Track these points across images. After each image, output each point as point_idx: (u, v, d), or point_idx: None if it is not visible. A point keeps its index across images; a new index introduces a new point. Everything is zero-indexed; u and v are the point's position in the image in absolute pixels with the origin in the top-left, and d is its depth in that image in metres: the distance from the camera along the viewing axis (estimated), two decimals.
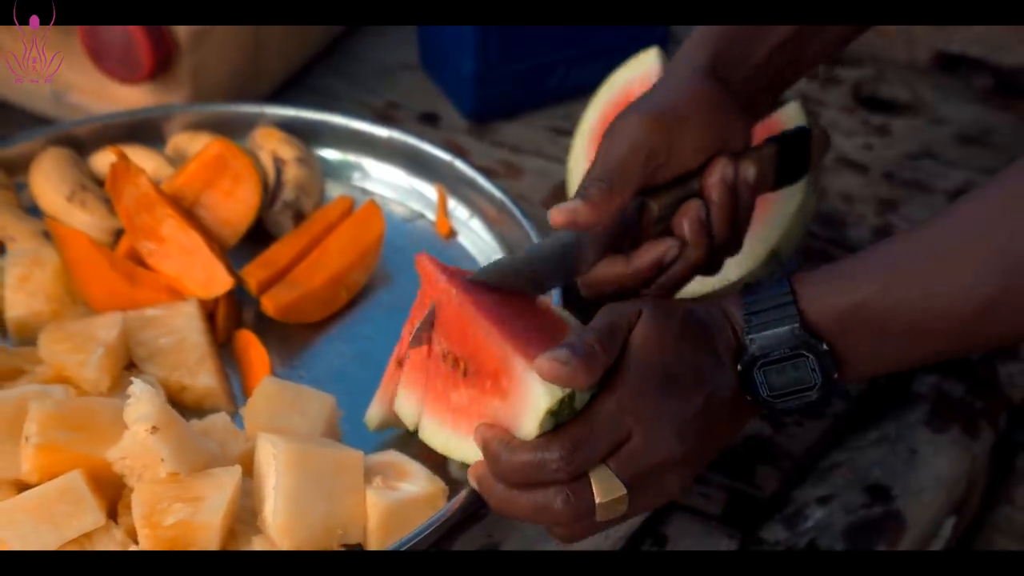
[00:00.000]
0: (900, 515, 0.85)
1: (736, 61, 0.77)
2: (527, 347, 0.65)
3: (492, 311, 0.67)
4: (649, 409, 0.64)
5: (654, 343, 0.65)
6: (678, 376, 0.65)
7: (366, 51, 1.20)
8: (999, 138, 1.13)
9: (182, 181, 0.87)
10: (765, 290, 0.67)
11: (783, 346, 0.66)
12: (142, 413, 0.67)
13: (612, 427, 0.63)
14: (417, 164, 0.97)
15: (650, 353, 0.65)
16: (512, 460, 0.63)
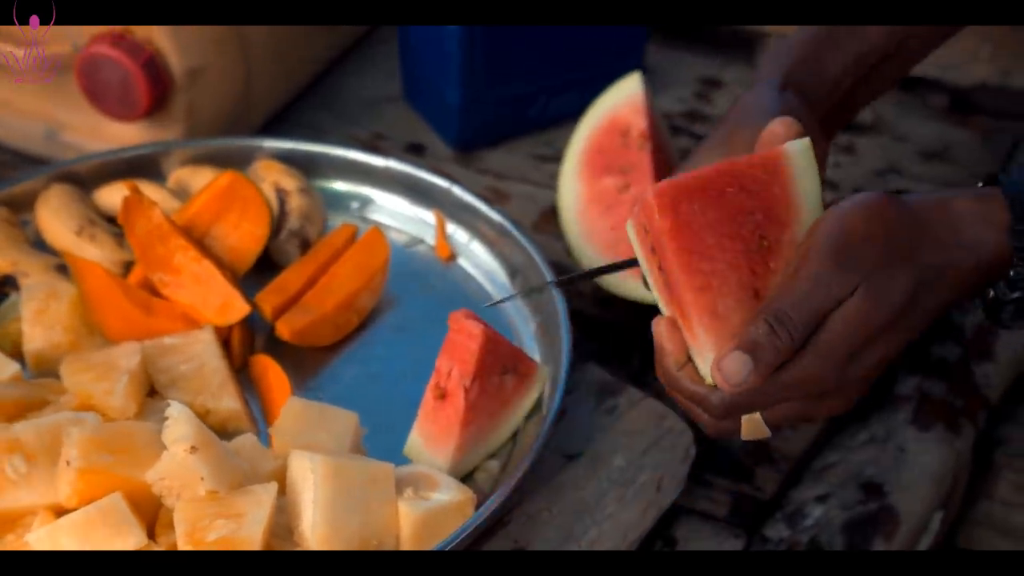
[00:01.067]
0: (894, 510, 0.89)
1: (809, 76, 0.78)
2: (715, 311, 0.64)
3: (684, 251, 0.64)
4: (820, 388, 0.65)
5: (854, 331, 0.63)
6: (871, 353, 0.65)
7: (350, 86, 1.23)
8: (958, 153, 1.19)
9: (193, 212, 0.90)
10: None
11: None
12: (181, 434, 0.69)
13: (778, 398, 0.65)
14: (414, 191, 1.00)
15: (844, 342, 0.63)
16: (678, 381, 0.66)
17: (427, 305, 0.93)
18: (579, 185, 1.01)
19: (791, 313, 0.63)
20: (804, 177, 0.66)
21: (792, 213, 0.66)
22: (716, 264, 0.64)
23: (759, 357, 0.62)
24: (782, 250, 0.65)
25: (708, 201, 0.65)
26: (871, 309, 0.63)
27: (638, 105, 1.00)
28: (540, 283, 0.78)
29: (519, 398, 0.81)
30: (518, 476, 0.74)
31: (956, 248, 0.65)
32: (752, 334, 0.63)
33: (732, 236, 0.65)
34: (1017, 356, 1.02)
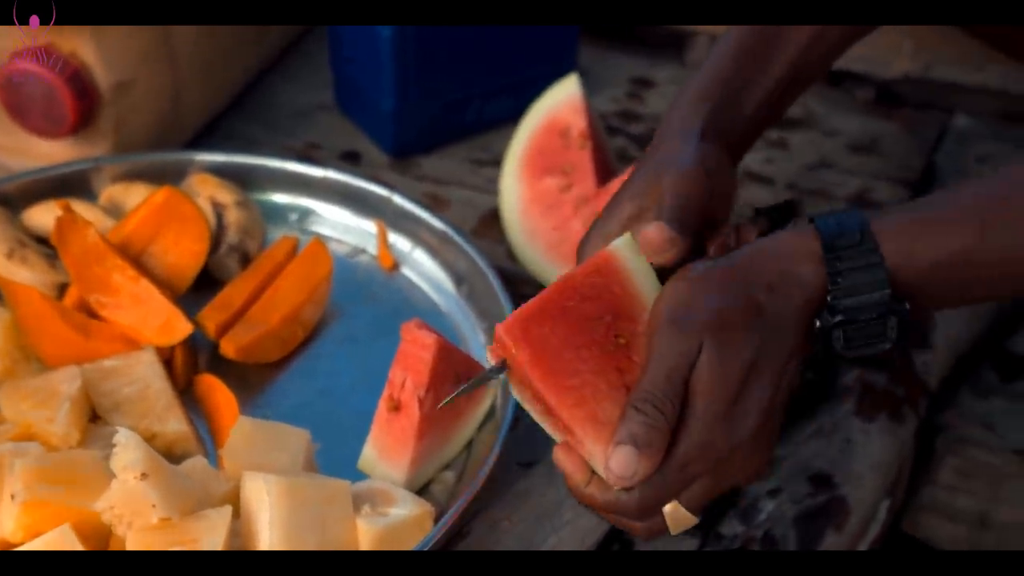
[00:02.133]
0: (844, 501, 0.90)
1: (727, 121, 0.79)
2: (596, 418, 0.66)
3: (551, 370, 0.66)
4: (717, 454, 0.66)
5: (719, 385, 0.64)
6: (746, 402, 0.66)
7: (280, 95, 1.21)
8: (886, 145, 1.21)
9: (129, 230, 0.88)
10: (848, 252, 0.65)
11: (870, 312, 0.65)
12: (130, 460, 0.67)
13: (681, 478, 0.67)
14: (354, 201, 0.99)
15: (715, 399, 0.65)
16: (591, 496, 0.68)
17: (373, 316, 0.92)
18: (520, 186, 1.01)
19: (651, 389, 0.64)
20: (637, 269, 0.69)
21: (637, 306, 0.68)
22: (583, 376, 0.66)
23: (641, 443, 0.64)
24: (640, 341, 0.67)
25: (555, 321, 0.67)
26: (723, 358, 0.65)
27: (577, 105, 1.00)
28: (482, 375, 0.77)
29: (473, 407, 0.81)
30: (476, 487, 0.74)
31: (785, 285, 0.66)
32: (626, 425, 0.64)
33: (587, 345, 0.67)
34: (953, 343, 1.04)
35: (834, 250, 0.66)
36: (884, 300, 0.66)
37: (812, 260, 0.67)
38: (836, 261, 0.66)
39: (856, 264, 0.65)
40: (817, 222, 0.68)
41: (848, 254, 0.65)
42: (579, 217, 0.99)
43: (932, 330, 1.03)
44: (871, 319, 0.66)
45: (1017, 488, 1.00)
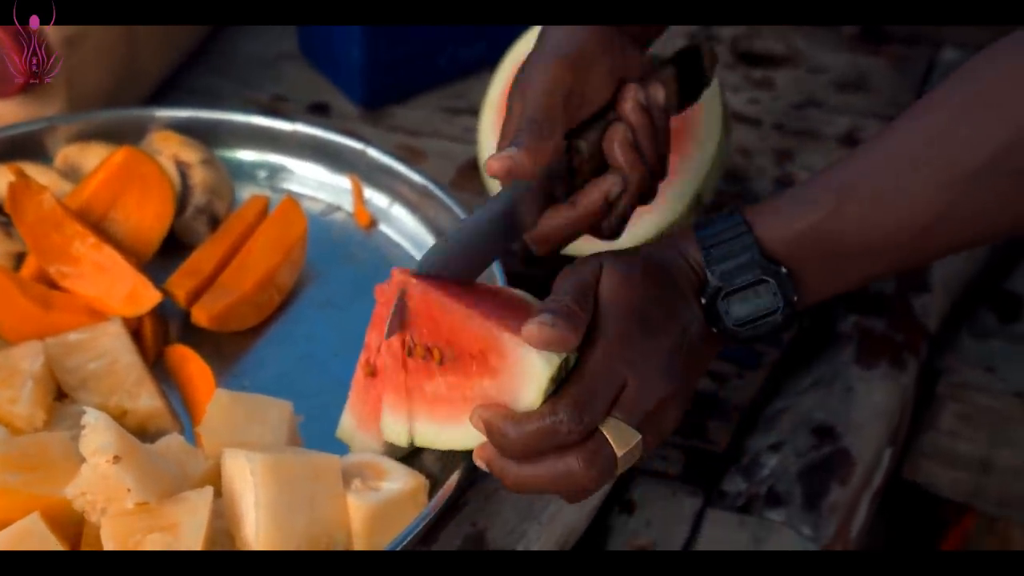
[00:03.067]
0: (847, 452, 0.87)
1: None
2: (509, 323, 0.63)
3: (459, 296, 0.66)
4: (636, 352, 0.65)
5: (623, 290, 0.66)
6: (652, 316, 0.66)
7: (241, 45, 1.15)
8: (874, 82, 1.17)
9: (88, 194, 0.82)
10: (718, 224, 0.68)
11: (744, 274, 0.67)
12: (101, 443, 0.63)
13: (609, 378, 0.64)
14: (326, 156, 0.94)
15: (622, 300, 0.65)
16: (522, 434, 0.62)
17: (351, 277, 0.87)
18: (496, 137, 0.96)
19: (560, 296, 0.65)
20: None
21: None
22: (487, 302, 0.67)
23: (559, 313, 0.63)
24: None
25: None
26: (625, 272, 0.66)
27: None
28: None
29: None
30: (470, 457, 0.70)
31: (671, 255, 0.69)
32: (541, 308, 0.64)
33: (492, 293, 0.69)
34: (950, 284, 1.01)
35: (706, 229, 0.69)
36: (755, 260, 0.67)
37: (690, 241, 0.69)
38: (707, 238, 0.69)
39: (725, 236, 0.68)
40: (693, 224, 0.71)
41: (717, 227, 0.68)
42: None
43: (929, 272, 1.00)
44: (747, 283, 0.67)
45: (1019, 432, 0.98)
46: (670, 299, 0.67)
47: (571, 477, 0.63)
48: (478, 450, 0.65)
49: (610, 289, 0.66)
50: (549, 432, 0.62)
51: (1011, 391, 0.97)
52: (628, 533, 0.81)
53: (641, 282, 0.67)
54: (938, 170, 0.65)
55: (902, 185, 0.66)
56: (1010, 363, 0.99)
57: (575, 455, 0.63)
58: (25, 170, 0.87)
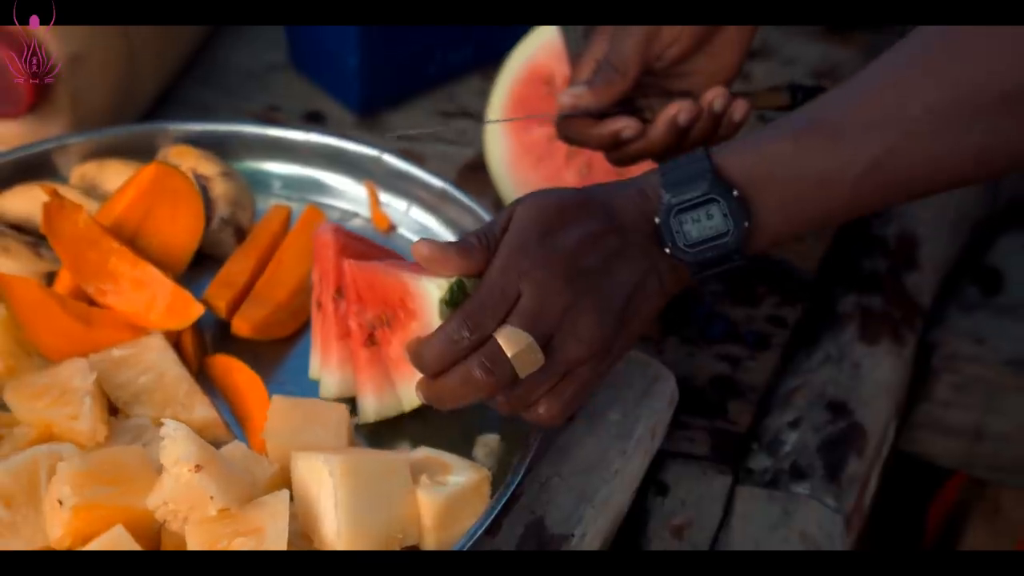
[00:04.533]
0: (860, 425, 0.92)
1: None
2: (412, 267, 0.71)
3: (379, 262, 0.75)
4: (530, 262, 0.68)
5: (529, 213, 0.69)
6: (557, 232, 0.69)
7: (229, 57, 1.16)
8: (846, 71, 1.21)
9: (121, 211, 0.83)
10: (681, 158, 0.71)
11: (696, 191, 0.69)
12: (182, 453, 0.64)
13: (500, 288, 0.67)
14: (340, 163, 0.95)
15: (525, 222, 0.69)
16: (428, 351, 0.68)
17: None
18: (507, 138, 0.98)
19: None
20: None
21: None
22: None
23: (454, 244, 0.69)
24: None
25: None
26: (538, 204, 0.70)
27: (558, 52, 0.98)
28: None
29: None
30: (532, 447, 0.72)
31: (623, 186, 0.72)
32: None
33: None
34: (938, 261, 1.06)
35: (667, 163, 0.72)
36: (707, 179, 0.69)
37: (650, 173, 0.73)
38: (667, 167, 0.72)
39: (684, 162, 0.71)
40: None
41: (680, 160, 0.72)
42: (572, 167, 0.97)
43: (917, 250, 1.04)
44: (698, 200, 0.70)
45: (1010, 398, 1.03)
46: (592, 223, 0.69)
47: (473, 382, 0.67)
48: (416, 385, 0.70)
49: (519, 217, 0.69)
50: (447, 343, 0.67)
51: (1001, 360, 1.03)
52: (665, 514, 0.84)
53: (555, 206, 0.69)
54: (894, 105, 0.68)
55: (860, 119, 0.69)
56: (997, 334, 1.04)
57: (473, 361, 0.67)
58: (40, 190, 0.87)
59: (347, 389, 0.79)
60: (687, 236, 0.70)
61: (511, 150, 0.98)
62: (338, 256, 0.79)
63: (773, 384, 0.94)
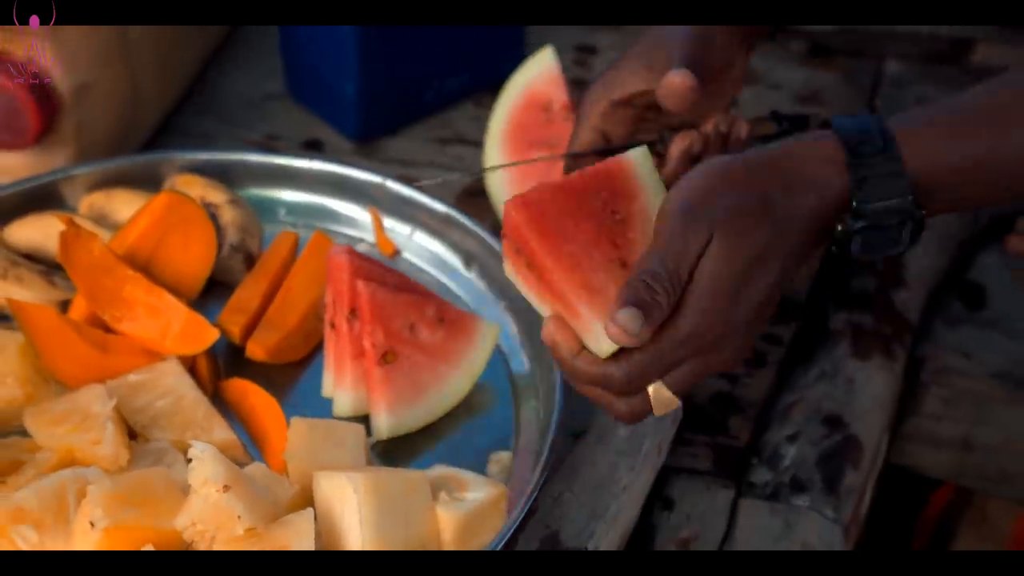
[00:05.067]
0: (856, 438, 0.94)
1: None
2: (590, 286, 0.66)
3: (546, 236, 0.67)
4: (708, 339, 0.67)
5: (722, 277, 0.66)
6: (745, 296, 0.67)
7: (229, 88, 1.18)
8: (828, 95, 1.25)
9: (134, 239, 0.84)
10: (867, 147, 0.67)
11: (892, 217, 0.67)
12: (211, 473, 0.65)
13: (671, 359, 0.67)
14: (343, 190, 0.97)
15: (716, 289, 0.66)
16: (578, 368, 0.67)
17: None
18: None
19: (658, 269, 0.66)
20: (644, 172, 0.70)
21: (634, 184, 0.69)
22: (579, 243, 0.67)
23: (646, 310, 0.65)
24: (635, 221, 0.68)
25: (555, 192, 0.68)
26: (729, 254, 0.66)
27: (556, 78, 1.01)
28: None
29: (457, 350, 0.81)
30: (548, 464, 0.74)
31: (801, 189, 0.68)
32: (634, 291, 0.65)
33: (586, 216, 0.67)
34: (924, 278, 1.09)
35: (858, 156, 0.67)
36: (906, 207, 0.68)
37: (834, 165, 0.68)
38: (860, 168, 0.67)
39: (881, 171, 0.67)
40: (837, 127, 0.70)
41: (873, 161, 0.67)
42: None
43: (904, 268, 1.08)
44: (891, 224, 0.68)
45: (997, 410, 1.06)
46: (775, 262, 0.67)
47: (610, 409, 0.69)
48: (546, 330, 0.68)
49: (708, 276, 0.66)
50: (601, 379, 0.67)
51: (988, 373, 1.05)
52: (672, 528, 0.86)
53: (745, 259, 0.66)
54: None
55: None
56: (983, 347, 1.07)
57: (618, 400, 0.68)
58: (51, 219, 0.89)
59: (360, 407, 0.81)
60: (863, 247, 0.69)
61: (510, 174, 1.01)
62: (352, 277, 0.81)
63: (771, 400, 0.96)
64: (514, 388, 0.84)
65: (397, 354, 0.80)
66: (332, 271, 0.83)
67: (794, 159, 0.69)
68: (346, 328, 0.81)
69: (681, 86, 0.75)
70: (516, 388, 0.84)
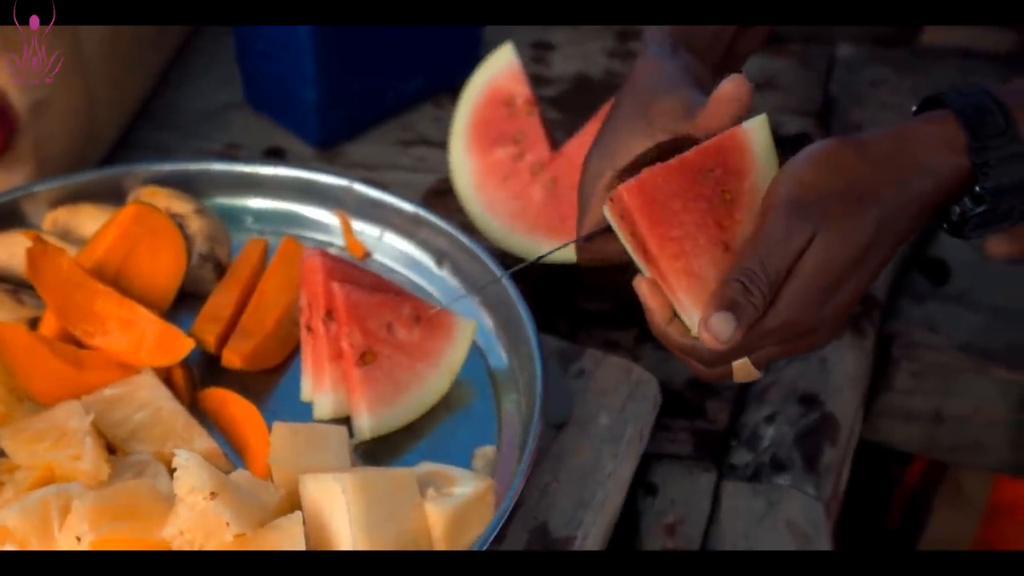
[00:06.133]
0: (832, 416, 0.95)
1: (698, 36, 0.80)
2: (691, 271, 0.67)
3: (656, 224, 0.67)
4: (797, 332, 0.68)
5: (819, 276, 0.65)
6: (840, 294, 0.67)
7: (185, 98, 1.17)
8: (784, 81, 1.26)
9: (102, 252, 0.83)
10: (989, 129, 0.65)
11: (1012, 200, 0.66)
12: (197, 481, 0.65)
13: (759, 344, 0.68)
14: (310, 195, 0.97)
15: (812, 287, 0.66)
16: (669, 335, 0.68)
17: None
18: (471, 160, 1.01)
19: (758, 271, 0.66)
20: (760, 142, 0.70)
21: (748, 161, 0.69)
22: (686, 228, 0.67)
23: (739, 314, 0.65)
24: (743, 200, 0.68)
25: (670, 171, 0.68)
26: (833, 251, 0.66)
27: (517, 74, 1.01)
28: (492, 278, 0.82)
29: (435, 348, 0.81)
30: (528, 455, 0.74)
31: (916, 175, 0.67)
32: (729, 294, 0.66)
33: (696, 197, 0.68)
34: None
35: (980, 139, 0.66)
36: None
37: (955, 150, 0.66)
38: (984, 151, 0.65)
39: (1004, 154, 0.65)
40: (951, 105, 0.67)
41: (995, 143, 0.65)
42: (538, 183, 1.00)
43: None
44: (1011, 207, 0.67)
45: (965, 381, 1.07)
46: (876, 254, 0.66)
47: (693, 368, 0.70)
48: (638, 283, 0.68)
49: (806, 274, 0.65)
50: (688, 350, 0.69)
51: (954, 346, 1.07)
52: (657, 514, 0.86)
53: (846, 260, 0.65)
54: None
55: None
56: (948, 321, 1.08)
57: (701, 365, 0.70)
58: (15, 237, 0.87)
59: (341, 409, 0.81)
60: (976, 231, 0.68)
61: (476, 171, 1.01)
62: (327, 279, 0.80)
63: (747, 382, 0.97)
64: (494, 382, 0.84)
65: (376, 354, 0.80)
66: (306, 274, 0.82)
67: (911, 142, 0.67)
68: (323, 330, 0.80)
69: (741, 88, 0.69)
70: (496, 382, 0.84)
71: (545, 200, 0.98)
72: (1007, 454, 1.10)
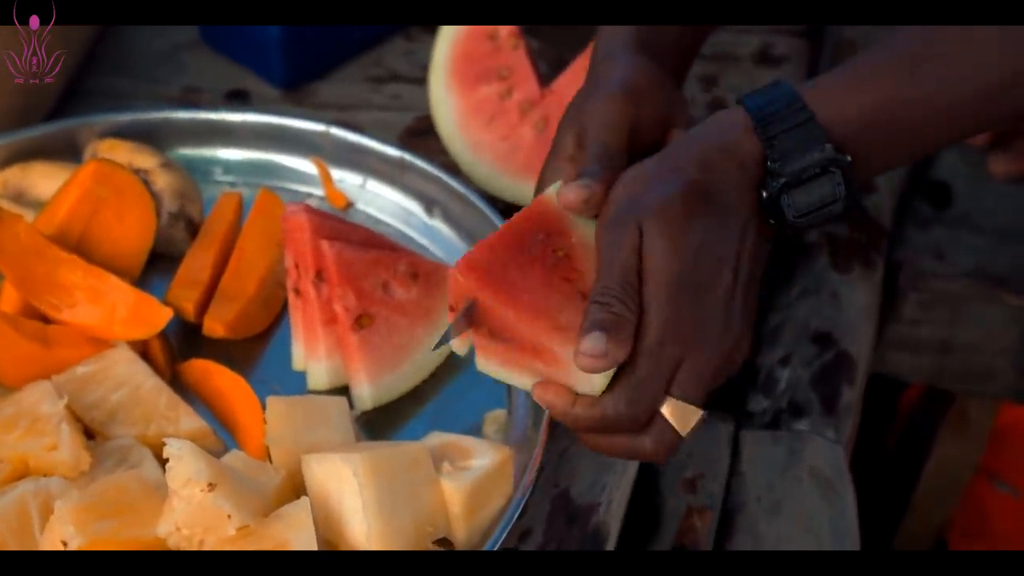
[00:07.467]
0: (847, 354, 0.91)
1: (656, 37, 0.76)
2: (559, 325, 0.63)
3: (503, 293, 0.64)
4: (687, 328, 0.64)
5: (667, 261, 0.63)
6: (701, 274, 0.64)
7: (135, 40, 1.08)
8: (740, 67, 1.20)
9: (62, 216, 0.76)
10: (776, 107, 0.65)
11: (810, 163, 0.64)
12: (192, 472, 0.58)
13: (662, 364, 0.63)
14: (283, 143, 0.90)
15: (668, 276, 0.63)
16: (580, 416, 0.63)
17: None
18: (453, 98, 0.94)
19: (607, 284, 0.63)
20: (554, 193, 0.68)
21: (566, 221, 0.67)
22: (535, 291, 0.64)
23: (607, 327, 0.61)
24: (578, 253, 0.66)
25: (494, 246, 0.65)
26: (667, 240, 0.64)
27: None
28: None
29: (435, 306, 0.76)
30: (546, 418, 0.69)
31: (718, 159, 0.66)
32: (590, 316, 0.62)
33: (530, 261, 0.65)
34: (892, 180, 1.06)
35: (764, 119, 0.66)
36: (825, 153, 0.65)
37: (743, 130, 0.66)
38: (767, 126, 0.65)
39: (788, 125, 0.65)
40: (743, 99, 0.68)
41: (779, 116, 0.65)
42: (528, 123, 0.93)
43: None
44: (815, 175, 0.65)
45: (974, 309, 1.04)
46: (720, 236, 0.64)
47: (639, 454, 0.64)
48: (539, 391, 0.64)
49: (654, 266, 0.63)
50: (612, 421, 0.63)
51: (962, 272, 1.03)
52: (676, 469, 0.81)
53: (685, 238, 0.63)
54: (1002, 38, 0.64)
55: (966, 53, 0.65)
56: (954, 247, 1.04)
57: (640, 436, 0.64)
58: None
59: (338, 378, 0.75)
60: (796, 208, 0.66)
61: (459, 111, 0.94)
62: (314, 237, 0.74)
63: (757, 322, 0.92)
64: None
65: (372, 317, 0.74)
66: (290, 232, 0.76)
67: (702, 138, 0.67)
68: (313, 293, 0.74)
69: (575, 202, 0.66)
70: None
71: (535, 141, 0.92)
72: (1013, 380, 1.07)
